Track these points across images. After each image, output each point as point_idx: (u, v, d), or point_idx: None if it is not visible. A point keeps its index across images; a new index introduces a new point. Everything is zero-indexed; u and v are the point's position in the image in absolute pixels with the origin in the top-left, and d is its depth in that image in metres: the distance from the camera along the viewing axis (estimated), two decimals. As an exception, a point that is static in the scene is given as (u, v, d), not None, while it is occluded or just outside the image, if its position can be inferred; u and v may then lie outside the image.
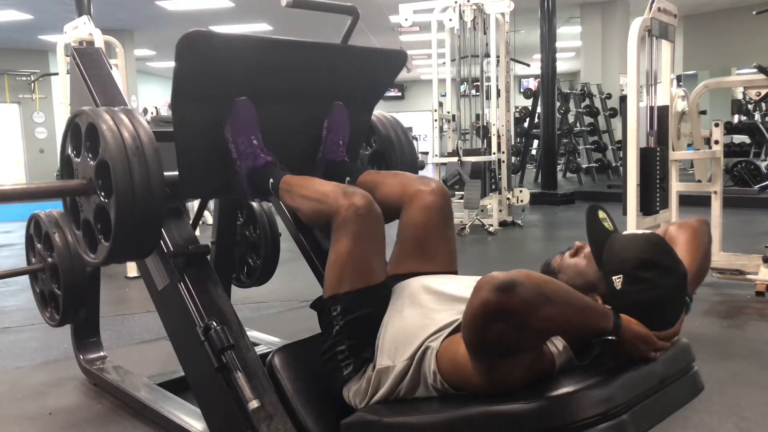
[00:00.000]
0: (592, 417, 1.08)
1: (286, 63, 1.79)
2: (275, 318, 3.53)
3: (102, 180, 1.58)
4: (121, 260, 1.74)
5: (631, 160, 3.22)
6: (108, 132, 1.54)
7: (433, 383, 1.31)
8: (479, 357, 1.16)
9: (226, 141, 1.75)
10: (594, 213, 1.29)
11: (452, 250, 1.68)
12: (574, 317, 1.09)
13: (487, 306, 1.02)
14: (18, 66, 13.33)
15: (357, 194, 1.52)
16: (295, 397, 1.56)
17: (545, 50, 9.11)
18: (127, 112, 1.63)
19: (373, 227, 1.52)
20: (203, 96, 1.68)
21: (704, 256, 1.37)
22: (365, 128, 2.13)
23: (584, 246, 1.33)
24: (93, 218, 1.65)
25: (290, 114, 1.89)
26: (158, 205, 1.57)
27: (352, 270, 1.48)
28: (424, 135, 20.78)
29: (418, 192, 1.66)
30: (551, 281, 1.08)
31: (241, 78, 1.73)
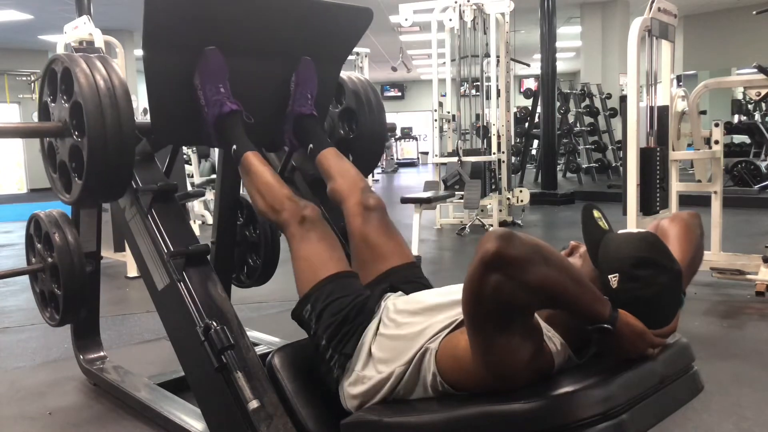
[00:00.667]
0: (592, 417, 1.08)
1: (254, 14, 1.86)
2: (275, 318, 3.53)
3: (76, 120, 1.66)
4: (94, 199, 1.88)
5: (631, 160, 3.23)
6: (81, 74, 1.62)
7: (432, 384, 1.31)
8: (476, 324, 1.14)
9: (195, 88, 1.85)
10: (589, 212, 1.29)
11: (400, 243, 1.77)
12: (569, 286, 1.09)
13: (486, 255, 1.04)
14: (18, 66, 13.32)
15: (308, 207, 1.72)
16: (295, 397, 1.56)
17: (545, 50, 9.11)
18: (102, 58, 1.70)
19: (323, 231, 1.70)
20: (173, 44, 1.77)
21: (697, 250, 1.37)
22: (333, 84, 2.20)
23: (579, 245, 1.34)
24: (68, 158, 1.73)
25: (259, 66, 1.97)
26: (129, 144, 1.66)
27: (311, 268, 1.62)
28: (424, 135, 20.78)
29: (357, 206, 1.78)
30: (550, 247, 1.10)
31: (211, 28, 1.81)
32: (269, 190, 1.77)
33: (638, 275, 1.18)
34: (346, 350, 1.49)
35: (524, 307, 1.12)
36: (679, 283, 1.22)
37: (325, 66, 2.07)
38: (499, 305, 1.08)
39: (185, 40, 1.79)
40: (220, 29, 1.83)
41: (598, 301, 1.14)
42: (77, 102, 1.62)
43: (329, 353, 1.51)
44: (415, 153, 20.84)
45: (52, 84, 1.77)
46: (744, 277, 3.74)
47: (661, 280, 1.19)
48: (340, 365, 1.49)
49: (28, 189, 13.86)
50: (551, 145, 9.35)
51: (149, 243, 1.83)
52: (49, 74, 1.77)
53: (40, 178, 13.36)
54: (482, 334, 1.15)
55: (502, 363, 1.15)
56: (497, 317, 1.11)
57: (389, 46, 13.35)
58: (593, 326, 1.15)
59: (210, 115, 1.85)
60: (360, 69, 9.78)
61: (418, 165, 20.12)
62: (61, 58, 1.70)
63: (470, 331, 1.17)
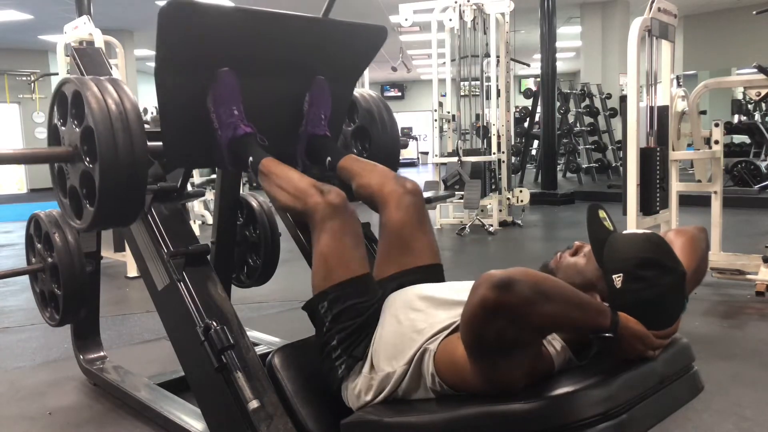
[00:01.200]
0: (592, 417, 1.08)
1: (267, 35, 1.82)
2: (275, 318, 3.53)
3: (87, 146, 1.61)
4: (106, 225, 1.80)
5: (631, 160, 3.22)
6: (92, 98, 1.57)
7: (432, 385, 1.32)
8: (477, 356, 1.16)
9: (208, 110, 1.80)
10: (595, 212, 1.29)
11: (432, 242, 1.71)
12: (572, 314, 1.09)
13: (486, 303, 1.03)
14: (18, 66, 13.34)
15: (332, 192, 1.60)
16: (295, 397, 1.56)
17: (545, 50, 9.11)
18: (113, 81, 1.66)
19: (349, 223, 1.59)
20: (186, 65, 1.72)
21: (701, 261, 1.38)
22: (347, 103, 2.16)
23: (583, 245, 1.34)
24: (79, 184, 1.68)
25: (273, 87, 1.92)
26: (142, 170, 1.61)
27: (334, 264, 1.54)
28: (424, 135, 20.78)
29: (393, 192, 1.70)
30: (549, 278, 1.08)
31: (224, 48, 1.77)
32: (290, 182, 1.68)
33: (642, 276, 1.19)
34: (356, 353, 1.47)
35: (528, 343, 1.12)
36: (682, 284, 1.22)
37: (339, 85, 2.03)
38: (502, 345, 1.09)
39: (198, 62, 1.74)
40: (234, 50, 1.78)
41: (598, 315, 1.14)
42: (89, 127, 1.57)
43: (337, 353, 1.49)
44: (415, 153, 20.85)
45: (62, 107, 1.71)
46: (744, 277, 3.74)
47: (665, 281, 1.19)
48: (347, 366, 1.47)
49: (28, 189, 13.86)
50: (551, 145, 9.35)
51: (149, 243, 1.83)
52: (59, 97, 1.72)
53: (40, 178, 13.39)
54: (482, 361, 1.16)
55: (502, 379, 1.16)
56: (499, 351, 1.12)
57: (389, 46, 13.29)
58: (595, 335, 1.15)
59: (224, 138, 1.81)
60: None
61: (418, 165, 20.12)
62: (71, 81, 1.65)
63: (469, 354, 1.18)
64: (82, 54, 2.09)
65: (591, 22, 11.59)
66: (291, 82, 1.94)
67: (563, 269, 1.31)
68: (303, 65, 1.94)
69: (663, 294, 1.20)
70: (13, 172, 14.25)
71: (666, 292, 1.20)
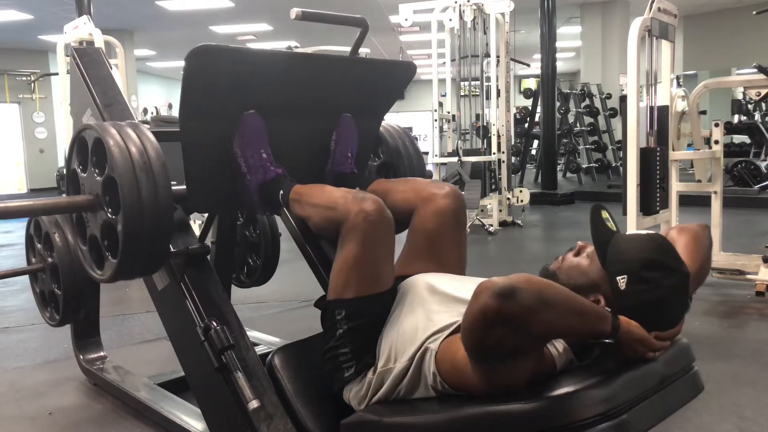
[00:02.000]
0: (593, 417, 1.08)
1: (294, 76, 1.78)
2: (275, 318, 3.53)
3: (109, 196, 1.56)
4: (129, 277, 1.70)
5: (631, 160, 3.22)
6: (115, 147, 1.52)
7: (433, 384, 1.32)
8: (479, 361, 1.16)
9: (235, 155, 1.72)
10: (598, 213, 1.29)
11: (463, 256, 1.65)
12: (573, 321, 1.09)
13: (487, 311, 1.03)
14: (18, 66, 13.34)
15: (368, 199, 1.47)
16: (295, 397, 1.56)
17: (545, 50, 9.11)
18: (134, 126, 1.61)
19: (383, 233, 1.47)
20: (211, 109, 1.67)
21: (705, 260, 1.38)
22: (373, 139, 2.12)
23: (586, 245, 1.33)
24: (100, 234, 1.63)
25: (299, 127, 1.87)
26: (166, 220, 1.56)
27: (359, 276, 1.45)
28: (424, 135, 20.78)
29: (432, 195, 1.63)
30: (551, 285, 1.09)
31: (250, 91, 1.71)
32: (322, 196, 1.59)
33: (646, 277, 1.19)
34: (368, 359, 1.44)
35: (530, 351, 1.13)
36: (686, 285, 1.22)
37: (365, 122, 2.00)
38: (503, 352, 1.09)
39: (224, 105, 1.69)
40: (259, 92, 1.74)
41: (600, 321, 1.14)
42: (111, 177, 1.53)
43: (347, 357, 1.46)
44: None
45: (82, 154, 1.67)
46: (744, 277, 3.74)
47: (669, 283, 1.19)
48: (357, 371, 1.45)
49: (28, 189, 13.86)
50: (551, 145, 9.35)
51: (149, 243, 1.83)
52: (79, 142, 1.67)
53: (40, 178, 13.40)
54: (484, 365, 1.16)
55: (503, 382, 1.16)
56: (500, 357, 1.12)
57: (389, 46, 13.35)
58: (595, 341, 1.15)
59: (254, 182, 1.72)
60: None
61: (418, 165, 20.10)
62: (92, 129, 1.60)
63: (472, 361, 1.18)
64: (82, 54, 2.08)
65: (591, 22, 11.59)
66: (317, 120, 1.89)
67: (566, 270, 1.31)
68: (329, 104, 1.90)
69: (667, 295, 1.20)
70: (13, 172, 14.26)
71: (670, 294, 1.20)
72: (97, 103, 1.96)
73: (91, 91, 1.99)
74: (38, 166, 13.73)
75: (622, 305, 1.19)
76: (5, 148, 13.91)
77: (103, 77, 2.04)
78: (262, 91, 1.73)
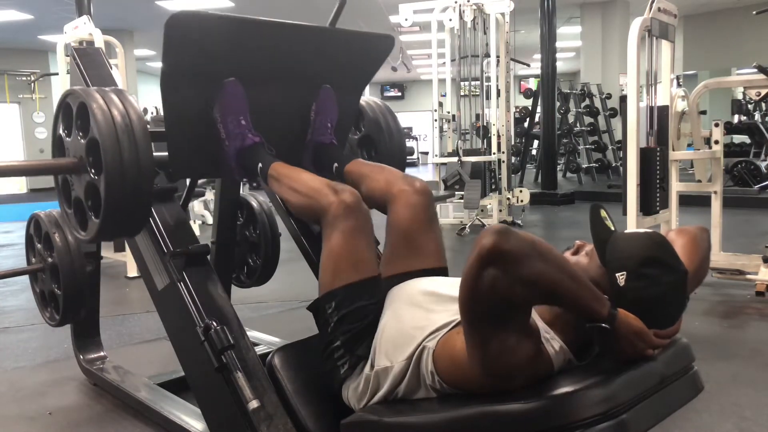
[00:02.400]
0: (592, 416, 1.08)
1: (273, 44, 1.82)
2: (275, 318, 3.53)
3: (92, 158, 1.61)
4: (111, 237, 1.78)
5: (631, 160, 3.23)
6: (98, 110, 1.56)
7: (432, 383, 1.32)
8: (472, 320, 1.15)
9: (214, 121, 1.79)
10: (597, 212, 1.30)
11: (439, 244, 1.69)
12: (565, 281, 1.10)
13: (483, 249, 1.05)
14: (18, 66, 13.34)
15: (346, 191, 1.57)
16: (295, 397, 1.56)
17: (545, 50, 9.11)
18: (118, 92, 1.65)
19: (363, 223, 1.56)
20: (192, 76, 1.72)
21: (703, 261, 1.38)
22: (354, 112, 2.16)
23: (585, 244, 1.34)
24: (83, 196, 1.67)
25: (279, 96, 1.92)
26: (147, 182, 1.60)
27: (345, 265, 1.52)
28: (424, 135, 20.78)
29: (402, 191, 1.68)
30: (547, 244, 1.10)
31: (230, 58, 1.76)
32: (302, 183, 1.67)
33: (645, 273, 1.19)
34: (360, 352, 1.47)
35: (521, 303, 1.12)
36: (684, 284, 1.23)
37: (345, 93, 2.03)
38: (496, 299, 1.08)
39: (204, 73, 1.73)
40: (240, 60, 1.78)
41: (596, 299, 1.14)
42: (94, 139, 1.57)
43: (340, 352, 1.48)
44: (416, 153, 20.85)
45: (67, 118, 1.71)
46: (744, 277, 3.74)
47: (667, 280, 1.20)
48: (350, 365, 1.47)
49: (28, 189, 13.86)
50: (551, 145, 9.35)
51: (149, 243, 1.83)
52: (64, 108, 1.71)
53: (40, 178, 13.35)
54: (479, 331, 1.15)
55: (499, 362, 1.15)
56: (494, 313, 1.11)
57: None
58: (591, 325, 1.15)
59: (231, 149, 1.79)
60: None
61: (418, 165, 20.12)
62: (76, 93, 1.64)
63: (467, 328, 1.17)
64: (82, 54, 2.09)
65: (591, 22, 11.59)
66: (298, 91, 1.93)
67: None
68: (309, 74, 1.93)
69: (665, 292, 1.20)
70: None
71: (668, 291, 1.21)
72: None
73: (91, 91, 1.99)
74: (38, 166, 13.71)
75: (621, 301, 1.19)
76: (5, 148, 13.91)
77: (103, 77, 2.04)
78: (241, 59, 1.78)
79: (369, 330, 1.49)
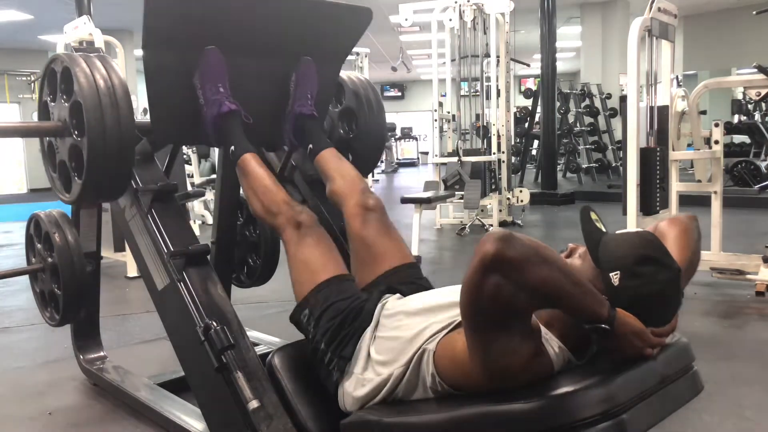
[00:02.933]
0: (592, 416, 1.08)
1: (253, 12, 1.87)
2: (275, 318, 3.53)
3: (75, 120, 1.67)
4: (94, 199, 1.88)
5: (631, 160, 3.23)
6: (81, 73, 1.62)
7: (432, 385, 1.31)
8: (475, 326, 1.15)
9: (195, 87, 1.87)
10: (587, 215, 1.30)
11: (400, 244, 1.76)
12: (568, 286, 1.09)
13: (486, 256, 1.05)
14: (18, 66, 13.32)
15: (304, 213, 1.73)
16: (295, 397, 1.56)
17: (545, 50, 9.10)
18: (102, 58, 1.71)
19: (317, 238, 1.70)
20: (172, 43, 1.78)
21: (694, 253, 1.38)
22: (333, 83, 2.21)
23: (578, 247, 1.34)
24: (67, 158, 1.73)
25: (259, 65, 1.97)
26: (128, 144, 1.67)
27: (307, 273, 1.62)
28: (424, 135, 20.77)
29: (357, 212, 1.76)
30: (549, 248, 1.10)
31: (210, 26, 1.82)
32: (266, 193, 1.77)
33: (640, 272, 1.19)
34: (345, 353, 1.49)
35: (523, 308, 1.12)
36: (678, 281, 1.23)
37: (325, 65, 2.08)
38: (498, 306, 1.08)
39: (185, 39, 1.80)
40: (221, 28, 1.84)
41: (597, 302, 1.14)
42: (77, 101, 1.63)
43: (328, 356, 1.51)
44: (415, 153, 20.84)
45: (52, 83, 1.77)
46: (744, 277, 3.74)
47: (662, 277, 1.20)
48: (339, 368, 1.49)
49: (28, 189, 13.86)
50: (551, 145, 9.35)
51: (149, 243, 1.83)
52: (49, 74, 1.78)
53: (40, 178, 13.35)
54: (481, 334, 1.15)
55: (500, 363, 1.15)
56: (496, 318, 1.11)
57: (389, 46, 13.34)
58: (591, 326, 1.15)
59: (209, 115, 1.86)
60: (360, 69, 9.77)
61: (418, 165, 20.11)
62: (60, 58, 1.71)
63: (468, 331, 1.17)
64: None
65: (591, 22, 11.59)
66: (278, 61, 1.99)
67: None
68: (289, 45, 1.99)
69: (661, 290, 1.20)
70: (13, 172, 14.26)
71: (663, 288, 1.21)
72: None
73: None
74: (38, 166, 13.43)
75: (616, 301, 1.19)
76: (5, 148, 13.91)
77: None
78: (222, 26, 1.84)
79: (347, 327, 1.51)
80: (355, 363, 1.47)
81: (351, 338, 1.50)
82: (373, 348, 1.46)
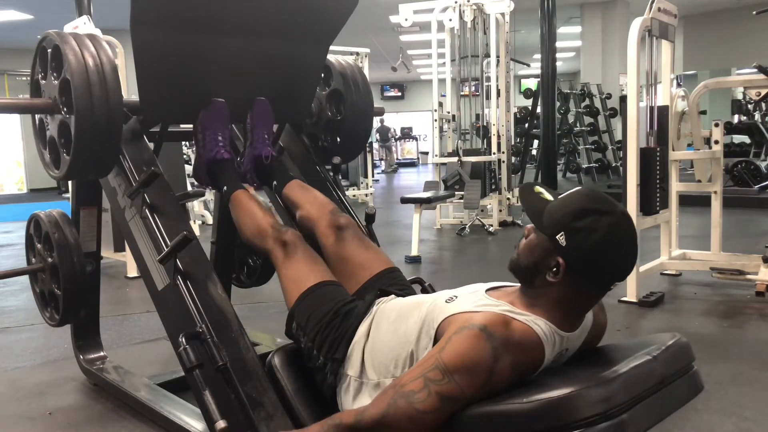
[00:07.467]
0: (592, 416, 1.08)
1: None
2: (275, 318, 3.53)
3: (65, 97, 1.71)
4: (82, 174, 1.92)
5: (631, 160, 3.23)
6: (70, 51, 1.66)
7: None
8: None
9: (195, 130, 2.01)
10: (529, 189, 1.32)
11: (378, 253, 1.81)
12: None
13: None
14: (18, 66, 13.30)
15: (288, 232, 1.78)
16: (295, 397, 1.56)
17: (545, 50, 9.07)
18: (92, 37, 1.74)
19: (303, 250, 1.75)
20: (161, 19, 1.80)
21: (598, 312, 1.38)
22: (321, 65, 2.23)
23: (532, 226, 1.34)
24: (57, 134, 1.77)
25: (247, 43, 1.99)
26: (116, 121, 1.70)
27: (294, 286, 1.66)
28: (424, 135, 20.78)
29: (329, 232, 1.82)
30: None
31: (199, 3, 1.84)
32: (254, 219, 1.86)
33: (580, 226, 1.19)
34: (337, 355, 1.49)
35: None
36: (624, 222, 1.22)
37: (312, 47, 2.11)
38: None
39: (173, 16, 1.81)
40: (209, 6, 1.86)
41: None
42: (66, 79, 1.66)
43: (321, 361, 1.52)
44: (415, 153, 20.85)
45: (43, 61, 1.81)
46: (744, 277, 3.74)
47: (603, 224, 1.19)
48: (332, 372, 1.49)
49: (28, 189, 13.87)
50: (551, 145, 9.32)
51: (149, 243, 1.83)
52: (40, 52, 1.81)
53: (40, 178, 13.40)
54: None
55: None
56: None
57: (389, 46, 13.35)
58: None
59: (203, 158, 2.01)
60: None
61: (418, 165, 20.12)
62: (51, 36, 1.74)
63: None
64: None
65: (591, 22, 11.59)
66: (265, 40, 2.02)
67: (521, 253, 1.30)
68: (277, 24, 2.01)
69: (606, 236, 1.19)
70: (13, 172, 14.26)
71: (607, 233, 1.19)
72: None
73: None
74: (38, 166, 13.49)
75: (572, 261, 1.20)
76: (5, 148, 13.91)
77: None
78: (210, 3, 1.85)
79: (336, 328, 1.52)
80: (348, 365, 1.47)
81: (341, 340, 1.50)
82: (367, 350, 1.46)
